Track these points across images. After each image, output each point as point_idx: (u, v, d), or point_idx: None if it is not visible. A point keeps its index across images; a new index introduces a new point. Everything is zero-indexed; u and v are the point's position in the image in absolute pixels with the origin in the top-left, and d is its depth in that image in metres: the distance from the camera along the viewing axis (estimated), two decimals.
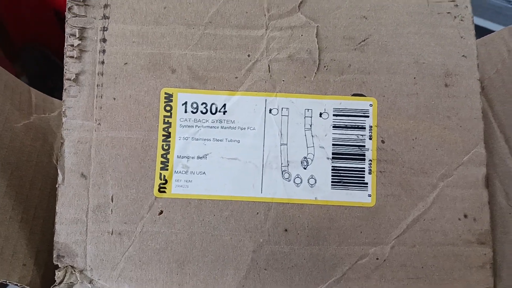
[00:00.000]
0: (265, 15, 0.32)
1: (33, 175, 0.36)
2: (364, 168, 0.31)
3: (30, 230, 0.33)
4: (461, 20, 0.33)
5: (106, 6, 0.32)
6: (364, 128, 0.31)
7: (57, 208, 0.31)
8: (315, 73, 0.32)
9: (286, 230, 0.31)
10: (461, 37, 0.33)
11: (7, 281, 0.29)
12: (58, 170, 0.31)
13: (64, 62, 0.31)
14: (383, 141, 0.31)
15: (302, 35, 0.32)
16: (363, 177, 0.31)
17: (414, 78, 0.32)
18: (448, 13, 0.33)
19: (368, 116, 0.31)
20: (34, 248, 0.32)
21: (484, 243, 0.31)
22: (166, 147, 0.31)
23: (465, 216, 0.31)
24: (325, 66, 0.32)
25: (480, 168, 0.31)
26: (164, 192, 0.31)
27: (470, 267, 0.30)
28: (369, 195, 0.31)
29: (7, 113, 0.37)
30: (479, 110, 0.32)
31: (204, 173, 0.31)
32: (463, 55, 0.33)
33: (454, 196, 0.31)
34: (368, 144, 0.31)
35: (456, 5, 0.33)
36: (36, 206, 0.35)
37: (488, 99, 0.38)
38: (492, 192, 0.34)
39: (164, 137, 0.31)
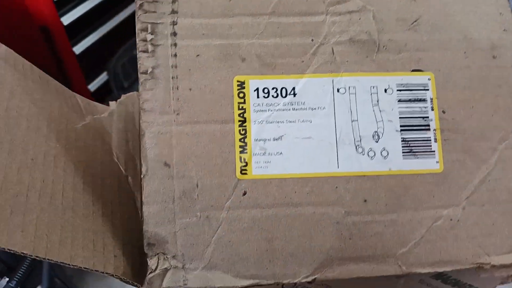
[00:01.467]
0: (324, 1, 0.34)
1: (101, 172, 0.37)
2: (430, 137, 0.33)
3: (112, 224, 0.33)
4: None
5: (174, 1, 0.33)
6: (426, 100, 0.34)
7: (143, 197, 0.32)
8: (376, 52, 0.34)
9: (365, 200, 0.32)
10: (500, 13, 0.36)
11: (105, 273, 0.30)
12: (142, 162, 0.32)
13: (138, 57, 0.33)
14: (443, 112, 0.34)
15: (360, 19, 0.34)
16: (430, 145, 0.33)
17: (465, 52, 0.35)
18: None
19: (428, 89, 0.34)
20: (119, 240, 0.33)
21: None
22: (243, 132, 0.32)
23: None
24: (384, 46, 0.34)
25: None
26: (246, 173, 0.32)
27: None
28: (437, 162, 0.33)
29: (66, 115, 0.38)
30: None
31: (281, 153, 0.33)
32: (504, 29, 0.36)
33: None
34: (431, 115, 0.34)
35: None
36: (111, 201, 0.35)
37: None
38: None
39: (240, 122, 0.33)
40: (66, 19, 1.02)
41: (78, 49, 1.08)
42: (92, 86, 1.15)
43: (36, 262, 0.81)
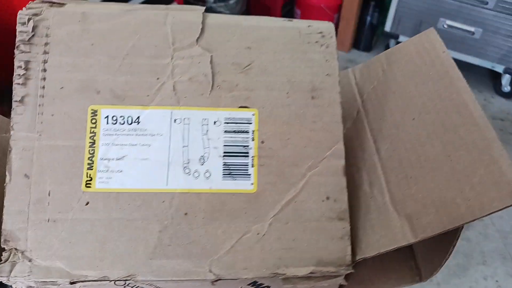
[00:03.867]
0: (170, 47, 0.41)
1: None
2: (248, 162, 0.40)
3: None
4: (327, 47, 0.43)
5: (46, 44, 0.41)
6: (248, 132, 0.40)
7: (5, 202, 0.39)
8: (210, 91, 0.41)
9: (186, 213, 0.39)
10: (326, 60, 0.42)
11: None
12: (6, 172, 0.39)
13: (13, 88, 0.40)
14: (263, 142, 0.40)
15: (199, 62, 0.41)
16: (247, 169, 0.39)
17: (287, 93, 0.41)
18: (316, 42, 0.43)
19: (251, 123, 0.40)
20: None
21: (343, 219, 0.39)
22: (92, 152, 0.39)
23: (328, 198, 0.39)
24: (218, 86, 0.41)
25: (340, 160, 0.40)
26: (90, 187, 0.39)
27: (332, 238, 0.38)
28: (252, 184, 0.39)
29: None
30: (339, 116, 0.41)
31: (121, 171, 0.39)
32: (327, 74, 0.42)
33: (319, 182, 0.39)
34: (251, 144, 0.40)
35: (323, 36, 0.43)
36: None
37: (365, 109, 0.47)
38: (359, 181, 0.43)
39: (90, 144, 0.40)
40: None
41: None
42: None
43: None
